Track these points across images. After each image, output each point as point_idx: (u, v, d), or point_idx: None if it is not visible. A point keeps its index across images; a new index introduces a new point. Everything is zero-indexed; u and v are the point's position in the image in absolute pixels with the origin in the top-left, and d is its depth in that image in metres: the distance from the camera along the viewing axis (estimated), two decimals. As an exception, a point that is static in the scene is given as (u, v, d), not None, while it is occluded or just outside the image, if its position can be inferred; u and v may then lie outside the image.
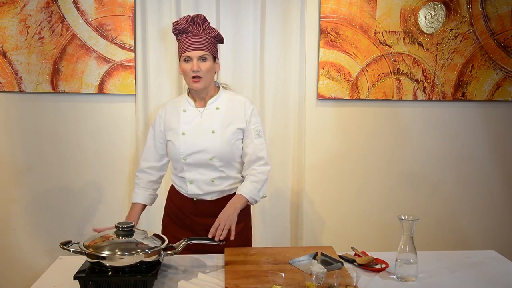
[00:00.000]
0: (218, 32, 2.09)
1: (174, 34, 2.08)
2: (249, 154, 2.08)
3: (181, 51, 2.05)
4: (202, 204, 2.10)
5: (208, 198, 2.10)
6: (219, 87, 2.16)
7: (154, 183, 2.20)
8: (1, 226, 3.00)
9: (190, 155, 2.05)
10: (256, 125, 2.10)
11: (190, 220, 2.12)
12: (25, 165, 2.97)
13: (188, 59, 2.02)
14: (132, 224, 1.77)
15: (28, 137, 2.95)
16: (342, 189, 3.16)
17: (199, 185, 2.08)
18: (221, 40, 2.12)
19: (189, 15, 2.06)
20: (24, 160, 2.97)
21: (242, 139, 2.11)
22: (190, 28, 2.02)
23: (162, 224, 2.26)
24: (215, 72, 2.12)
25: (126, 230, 1.76)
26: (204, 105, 2.11)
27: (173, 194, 2.19)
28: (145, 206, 2.19)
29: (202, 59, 2.02)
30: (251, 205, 2.13)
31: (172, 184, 2.22)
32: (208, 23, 2.08)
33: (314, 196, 3.14)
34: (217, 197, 2.10)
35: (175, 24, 2.05)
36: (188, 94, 2.14)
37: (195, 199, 2.10)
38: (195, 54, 2.01)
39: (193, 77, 2.02)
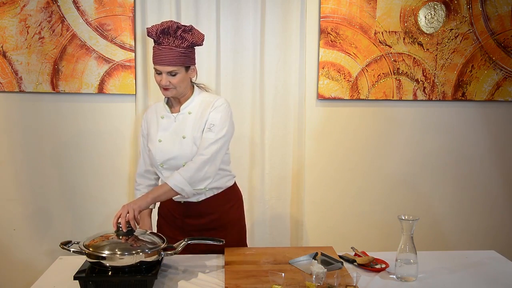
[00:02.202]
0: (193, 40, 1.97)
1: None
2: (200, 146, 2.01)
3: (153, 60, 1.98)
4: (190, 206, 2.09)
5: (194, 200, 2.07)
6: (194, 90, 2.09)
7: (154, 186, 2.19)
8: (1, 226, 3.00)
9: (166, 161, 2.05)
10: (212, 120, 2.00)
11: (180, 221, 2.11)
12: (25, 165, 2.97)
13: (159, 72, 1.98)
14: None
15: (28, 137, 2.95)
16: (342, 189, 3.16)
17: None
18: (196, 44, 2.00)
19: (159, 25, 1.96)
20: (24, 160, 2.97)
21: None
22: (160, 40, 1.95)
23: (157, 225, 2.25)
24: (191, 78, 2.07)
25: (126, 231, 1.76)
26: (178, 111, 2.08)
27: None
28: (151, 210, 2.19)
29: (172, 74, 1.96)
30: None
31: None
32: (182, 30, 1.96)
33: (314, 196, 3.14)
34: (204, 198, 2.08)
35: (147, 31, 1.98)
36: (165, 100, 2.11)
37: (182, 202, 2.09)
38: (164, 69, 1.96)
39: (163, 86, 1.99)
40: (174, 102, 2.10)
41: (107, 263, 1.65)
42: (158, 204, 2.24)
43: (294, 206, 3.10)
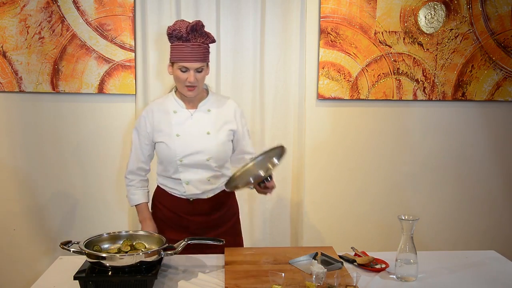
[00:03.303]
0: (213, 36, 2.05)
1: (169, 37, 2.02)
2: (248, 153, 2.18)
3: (176, 58, 1.99)
4: (198, 203, 2.11)
5: (204, 196, 2.11)
6: (207, 89, 2.16)
7: (146, 181, 2.21)
8: (1, 226, 3.00)
9: (187, 156, 2.05)
10: (246, 126, 2.19)
11: (186, 220, 2.12)
12: (25, 165, 2.98)
13: (184, 69, 1.99)
14: None
15: (28, 137, 2.95)
16: (342, 189, 3.16)
17: (196, 185, 2.09)
18: (213, 41, 2.07)
19: (188, 22, 1.99)
20: (24, 160, 2.97)
21: (232, 140, 2.15)
22: (189, 37, 1.97)
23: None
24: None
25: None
26: (194, 107, 2.10)
27: (163, 197, 2.17)
28: (147, 203, 2.19)
29: (199, 71, 2.00)
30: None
31: (158, 189, 2.20)
32: (204, 27, 2.01)
33: (314, 196, 3.14)
34: (212, 195, 2.12)
35: (172, 29, 1.99)
36: (175, 96, 2.12)
37: (191, 199, 2.11)
38: (193, 66, 1.98)
39: (188, 85, 2.00)
40: (186, 99, 2.10)
41: (107, 263, 1.65)
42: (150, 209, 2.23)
43: (294, 206, 3.10)
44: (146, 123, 2.11)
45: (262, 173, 1.93)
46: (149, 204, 2.23)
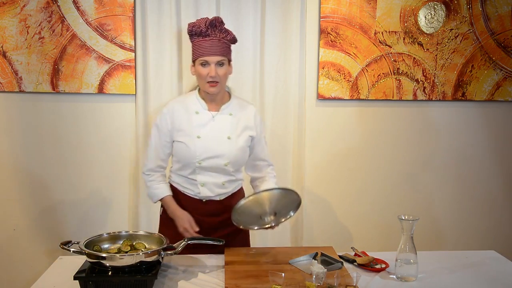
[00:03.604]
0: (233, 34, 2.07)
1: (189, 35, 2.05)
2: (263, 160, 2.22)
3: (197, 54, 2.01)
4: (211, 204, 2.11)
5: (217, 198, 2.12)
6: (229, 93, 2.16)
7: (165, 176, 2.19)
8: (1, 226, 3.00)
9: (206, 159, 2.05)
10: (264, 133, 2.22)
11: (197, 220, 2.09)
12: (25, 165, 2.97)
13: (205, 64, 2.00)
14: None
15: (28, 137, 2.95)
16: (342, 189, 3.16)
17: (210, 187, 2.09)
18: (234, 40, 2.09)
19: (207, 18, 2.02)
20: (24, 160, 2.97)
21: (250, 146, 2.15)
22: (208, 32, 1.99)
23: (160, 231, 2.21)
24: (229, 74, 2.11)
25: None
26: (217, 109, 2.09)
27: (175, 196, 2.15)
28: (172, 196, 2.15)
29: (220, 64, 2.00)
30: None
31: (170, 187, 2.18)
32: (224, 25, 2.05)
33: (314, 196, 3.14)
34: (225, 197, 2.13)
35: (192, 26, 2.02)
36: (198, 96, 2.11)
37: (204, 200, 2.11)
38: (213, 59, 1.98)
39: (210, 81, 2.00)
40: (210, 100, 2.09)
41: (107, 263, 1.65)
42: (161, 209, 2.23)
43: (294, 206, 3.10)
44: (167, 120, 2.09)
45: (270, 221, 1.93)
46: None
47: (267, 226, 1.92)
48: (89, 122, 2.97)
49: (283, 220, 1.93)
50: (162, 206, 2.21)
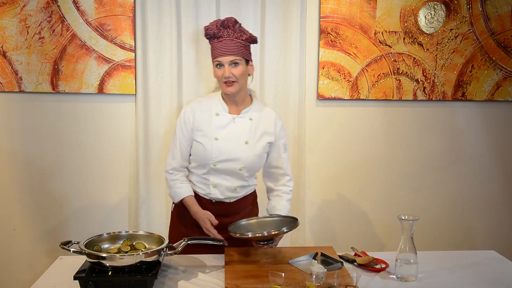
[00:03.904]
0: (250, 34, 2.06)
1: (207, 38, 2.06)
2: (278, 168, 2.15)
3: (212, 56, 2.03)
4: (220, 205, 2.11)
5: (227, 201, 2.11)
6: (251, 96, 2.15)
7: (187, 177, 2.17)
8: (1, 226, 3.00)
9: (221, 162, 2.04)
10: (284, 140, 2.16)
11: None
12: (25, 165, 2.97)
13: (220, 65, 2.00)
14: None
15: (28, 137, 2.95)
16: (342, 189, 3.16)
17: (221, 190, 2.09)
18: (254, 41, 2.08)
19: (219, 19, 2.04)
20: (24, 160, 2.97)
21: (268, 152, 2.13)
22: (220, 33, 2.00)
23: (171, 228, 2.23)
24: (249, 75, 2.10)
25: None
26: (237, 112, 2.09)
27: None
28: (193, 196, 2.14)
29: (234, 63, 2.00)
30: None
31: None
32: (239, 25, 2.05)
33: (314, 196, 3.14)
34: (235, 200, 2.13)
35: (206, 29, 2.03)
36: (222, 97, 2.11)
37: (213, 201, 2.11)
38: (226, 59, 1.99)
39: (225, 82, 2.00)
40: (231, 102, 2.09)
41: (107, 263, 1.65)
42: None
43: (294, 206, 3.09)
44: (190, 119, 2.09)
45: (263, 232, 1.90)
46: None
47: (260, 237, 1.87)
48: (89, 122, 2.97)
49: (273, 232, 1.85)
50: (173, 203, 2.21)
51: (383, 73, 3.05)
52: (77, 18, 2.85)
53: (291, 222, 1.95)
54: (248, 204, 2.20)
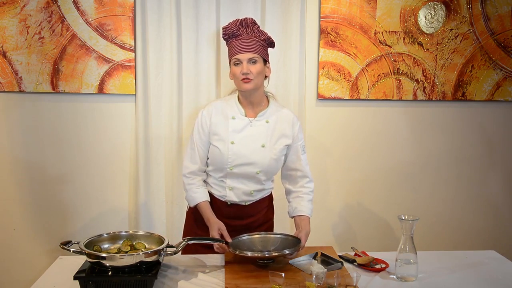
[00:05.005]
0: (269, 36, 2.06)
1: (224, 38, 2.06)
2: (297, 170, 2.14)
3: (231, 54, 2.03)
4: (235, 207, 2.11)
5: (242, 203, 2.11)
6: (268, 99, 2.13)
7: (204, 181, 2.16)
8: (1, 226, 3.00)
9: (238, 166, 2.04)
10: (302, 141, 2.14)
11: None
12: (25, 165, 2.97)
13: (237, 62, 2.00)
14: None
15: (28, 137, 2.95)
16: (342, 189, 3.16)
17: (237, 193, 2.08)
18: (271, 44, 2.09)
19: (238, 19, 2.04)
20: (24, 160, 2.97)
21: (285, 154, 2.12)
22: (239, 31, 2.00)
23: (186, 228, 2.23)
24: (266, 77, 2.09)
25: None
26: (254, 115, 2.08)
27: None
28: (209, 202, 2.12)
29: (252, 61, 1.99)
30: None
31: None
32: (258, 26, 2.06)
33: (314, 196, 3.11)
34: (250, 203, 2.12)
35: (224, 29, 2.04)
36: (238, 100, 2.10)
37: (229, 203, 2.10)
38: (244, 56, 1.98)
39: (243, 78, 1.99)
40: (248, 105, 2.08)
41: (107, 263, 1.65)
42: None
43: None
44: (207, 122, 2.08)
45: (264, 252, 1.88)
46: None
47: (260, 257, 1.86)
48: (89, 122, 2.97)
49: (274, 254, 1.83)
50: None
51: (383, 73, 3.05)
52: (77, 18, 2.85)
53: (294, 243, 1.92)
54: (263, 207, 2.18)
